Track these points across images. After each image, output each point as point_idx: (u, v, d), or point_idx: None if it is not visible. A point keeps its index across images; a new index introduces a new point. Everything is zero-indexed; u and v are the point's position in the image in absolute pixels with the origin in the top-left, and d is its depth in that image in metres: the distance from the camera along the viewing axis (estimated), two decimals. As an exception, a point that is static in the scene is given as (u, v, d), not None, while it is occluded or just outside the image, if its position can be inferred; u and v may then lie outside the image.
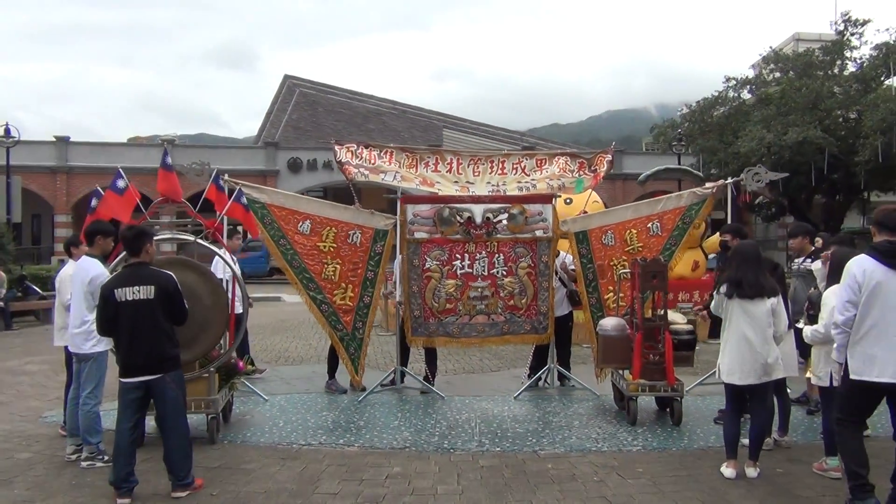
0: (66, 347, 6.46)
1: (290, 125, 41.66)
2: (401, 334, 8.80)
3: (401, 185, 8.70)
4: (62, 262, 7.02)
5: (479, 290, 8.62)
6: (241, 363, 7.44)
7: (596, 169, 8.92)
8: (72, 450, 6.12)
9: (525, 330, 8.71)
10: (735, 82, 31.87)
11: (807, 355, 6.87)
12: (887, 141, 22.38)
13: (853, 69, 27.78)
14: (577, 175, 8.92)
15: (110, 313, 5.30)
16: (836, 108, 26.80)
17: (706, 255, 15.74)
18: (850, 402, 4.96)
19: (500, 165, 8.97)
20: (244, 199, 7.23)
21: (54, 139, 35.65)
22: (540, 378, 8.93)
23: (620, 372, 7.71)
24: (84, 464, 5.91)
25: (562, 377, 9.03)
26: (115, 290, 5.30)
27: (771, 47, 31.32)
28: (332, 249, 8.52)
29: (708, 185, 8.99)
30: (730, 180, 9.00)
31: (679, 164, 27.23)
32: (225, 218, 7.67)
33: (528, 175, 8.94)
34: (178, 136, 44.70)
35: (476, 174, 8.91)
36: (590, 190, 9.45)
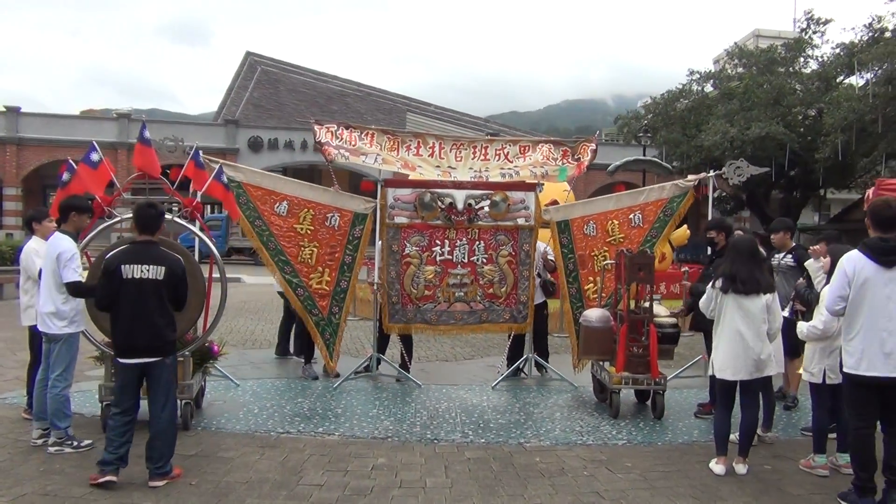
0: (33, 327, 6.15)
1: (250, 103, 40.88)
2: (379, 320, 8.60)
3: (381, 167, 8.48)
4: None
5: (459, 277, 8.48)
6: (215, 346, 7.18)
7: (580, 157, 8.82)
8: (38, 434, 5.82)
9: (504, 319, 8.60)
10: (699, 76, 32.19)
11: (792, 352, 6.91)
12: (847, 139, 22.82)
13: (815, 67, 28.23)
14: (560, 163, 8.81)
15: (114, 289, 5.07)
16: (797, 105, 27.24)
17: (673, 248, 15.86)
18: (849, 398, 4.97)
19: (483, 151, 8.80)
20: (224, 178, 6.95)
21: (4, 109, 34.42)
22: (519, 368, 8.84)
23: (601, 364, 7.65)
24: (52, 449, 5.61)
25: (539, 367, 8.95)
26: (123, 266, 5.07)
27: (736, 43, 31.67)
28: (309, 232, 8.29)
29: (690, 177, 8.96)
30: (711, 173, 8.99)
31: (644, 155, 27.39)
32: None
33: (512, 162, 8.80)
34: (129, 110, 43.46)
35: (458, 159, 8.74)
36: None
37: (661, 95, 31.61)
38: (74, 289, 5.56)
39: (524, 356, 8.83)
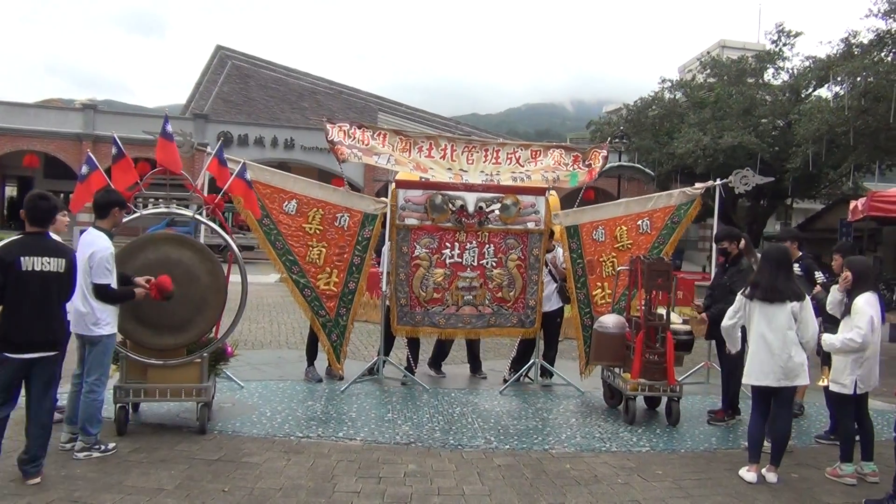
0: None
1: (220, 98, 40.25)
2: (385, 323, 8.49)
3: (394, 167, 8.37)
4: None
5: (468, 280, 8.42)
6: (229, 348, 7.01)
7: (591, 164, 8.82)
8: (66, 438, 5.60)
9: (512, 323, 8.56)
10: (671, 84, 32.62)
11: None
12: (817, 151, 23.26)
13: (786, 78, 28.79)
14: (571, 168, 8.81)
15: (9, 281, 4.75)
16: (768, 116, 27.75)
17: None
18: None
19: (495, 155, 8.76)
20: (248, 175, 6.78)
21: (-37, 97, 33.41)
22: (524, 373, 8.81)
23: (615, 370, 7.65)
24: (80, 455, 5.38)
25: (544, 372, 8.92)
26: (22, 258, 4.79)
27: (708, 52, 32.16)
28: (318, 232, 8.15)
29: (697, 185, 9.04)
30: (718, 181, 9.07)
31: (620, 160, 27.67)
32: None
33: (523, 166, 8.77)
34: (84, 101, 42.50)
35: (470, 162, 8.67)
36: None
37: (633, 103, 31.92)
38: (101, 292, 5.37)
39: (531, 361, 8.79)
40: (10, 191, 39.44)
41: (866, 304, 5.51)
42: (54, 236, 5.90)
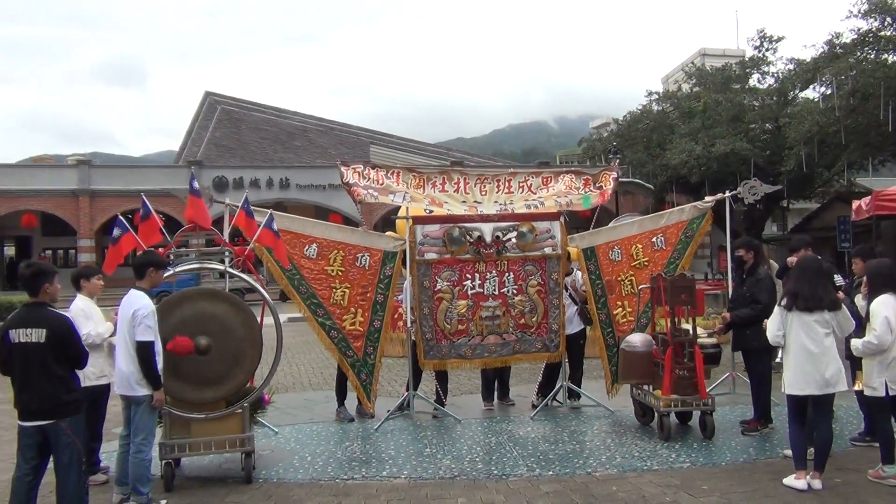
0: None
1: (212, 143, 40.50)
2: (412, 358, 8.57)
3: (410, 205, 8.50)
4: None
5: (491, 309, 8.51)
6: (266, 396, 7.08)
7: (602, 186, 8.97)
8: (118, 500, 5.65)
9: (536, 348, 8.64)
10: (657, 95, 32.99)
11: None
12: (809, 151, 23.55)
13: (772, 82, 29.17)
14: (583, 192, 8.94)
15: (4, 354, 4.95)
16: (757, 121, 28.08)
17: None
18: None
19: (507, 184, 8.89)
20: (275, 226, 6.89)
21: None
22: (553, 397, 8.88)
23: (645, 388, 7.74)
24: (134, 515, 5.46)
25: (571, 394, 8.99)
26: (10, 331, 4.94)
27: (693, 63, 32.57)
28: (340, 273, 8.26)
29: (708, 198, 9.19)
30: (727, 193, 9.22)
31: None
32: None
33: (535, 193, 8.90)
34: (70, 156, 42.72)
35: (483, 193, 8.80)
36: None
37: (623, 117, 32.30)
38: (144, 350, 5.46)
39: (558, 384, 8.87)
40: (10, 251, 39.44)
41: (881, 305, 5.67)
42: (84, 300, 6.03)
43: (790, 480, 5.72)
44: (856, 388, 6.39)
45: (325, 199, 35.40)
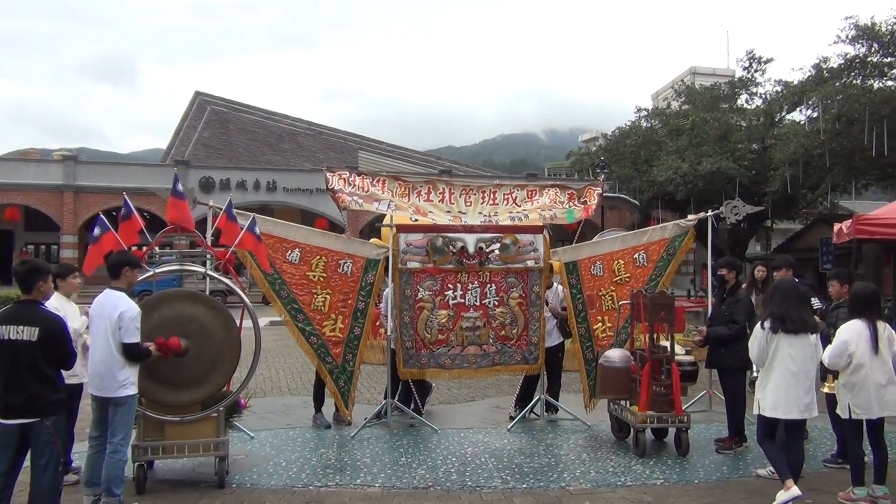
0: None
1: (200, 143, 40.40)
2: (391, 366, 8.57)
3: (395, 213, 8.50)
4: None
5: (472, 320, 8.52)
6: (242, 400, 7.05)
7: (586, 201, 9.02)
8: (90, 501, 5.60)
9: (516, 360, 8.66)
10: (646, 112, 33.19)
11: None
12: (794, 173, 23.75)
13: (759, 103, 29.44)
14: (567, 206, 8.99)
15: None
16: (744, 141, 28.31)
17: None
18: None
19: (492, 196, 8.93)
20: (257, 230, 6.88)
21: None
22: (530, 409, 8.89)
23: (622, 403, 7.77)
24: (106, 517, 5.41)
25: (549, 407, 9.01)
26: (0, 327, 4.91)
27: (683, 81, 32.84)
28: (321, 279, 8.25)
29: (690, 217, 9.25)
30: (710, 213, 9.29)
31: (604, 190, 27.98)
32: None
33: (520, 206, 8.94)
34: (56, 150, 42.43)
35: (468, 204, 8.84)
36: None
37: (611, 132, 32.48)
38: (132, 351, 5.45)
39: (536, 397, 8.88)
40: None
41: (845, 329, 5.82)
42: (59, 298, 5.98)
43: (782, 496, 5.57)
44: (824, 389, 6.47)
45: (312, 203, 35.35)
